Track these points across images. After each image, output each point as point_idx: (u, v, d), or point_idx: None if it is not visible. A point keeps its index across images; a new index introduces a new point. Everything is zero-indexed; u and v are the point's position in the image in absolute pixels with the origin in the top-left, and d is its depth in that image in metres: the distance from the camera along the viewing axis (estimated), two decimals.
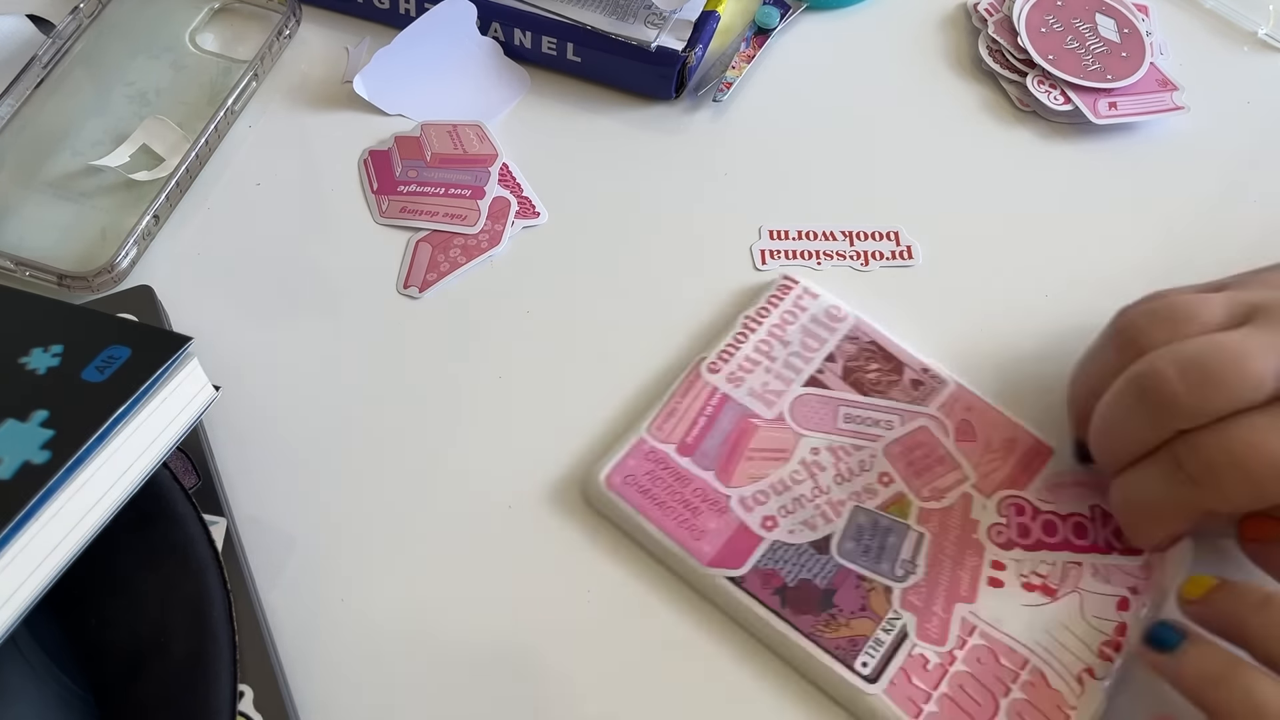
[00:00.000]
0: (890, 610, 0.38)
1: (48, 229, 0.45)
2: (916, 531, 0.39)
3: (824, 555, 0.38)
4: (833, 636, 0.37)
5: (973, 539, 0.39)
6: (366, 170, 0.48)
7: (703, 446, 0.40)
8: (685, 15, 0.49)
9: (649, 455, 0.40)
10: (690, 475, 0.40)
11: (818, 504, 0.39)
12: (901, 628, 0.37)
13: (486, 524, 0.40)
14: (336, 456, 0.41)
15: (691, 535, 0.38)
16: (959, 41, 0.53)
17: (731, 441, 0.41)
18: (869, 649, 0.37)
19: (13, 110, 0.47)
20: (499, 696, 0.37)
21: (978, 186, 0.49)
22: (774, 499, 0.39)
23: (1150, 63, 0.51)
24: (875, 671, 0.36)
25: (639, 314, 0.45)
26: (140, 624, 0.34)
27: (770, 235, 0.47)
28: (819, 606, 0.37)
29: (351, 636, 0.38)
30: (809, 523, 0.39)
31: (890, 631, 0.37)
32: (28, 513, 0.31)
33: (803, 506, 0.39)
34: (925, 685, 0.36)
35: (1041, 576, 0.39)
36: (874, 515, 0.39)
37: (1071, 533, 0.39)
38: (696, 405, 0.41)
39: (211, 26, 0.51)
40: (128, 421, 0.34)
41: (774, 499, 0.39)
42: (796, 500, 0.39)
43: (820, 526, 0.39)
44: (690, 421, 0.41)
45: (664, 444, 0.40)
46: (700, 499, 0.39)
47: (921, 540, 0.39)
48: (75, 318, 0.38)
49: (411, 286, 0.45)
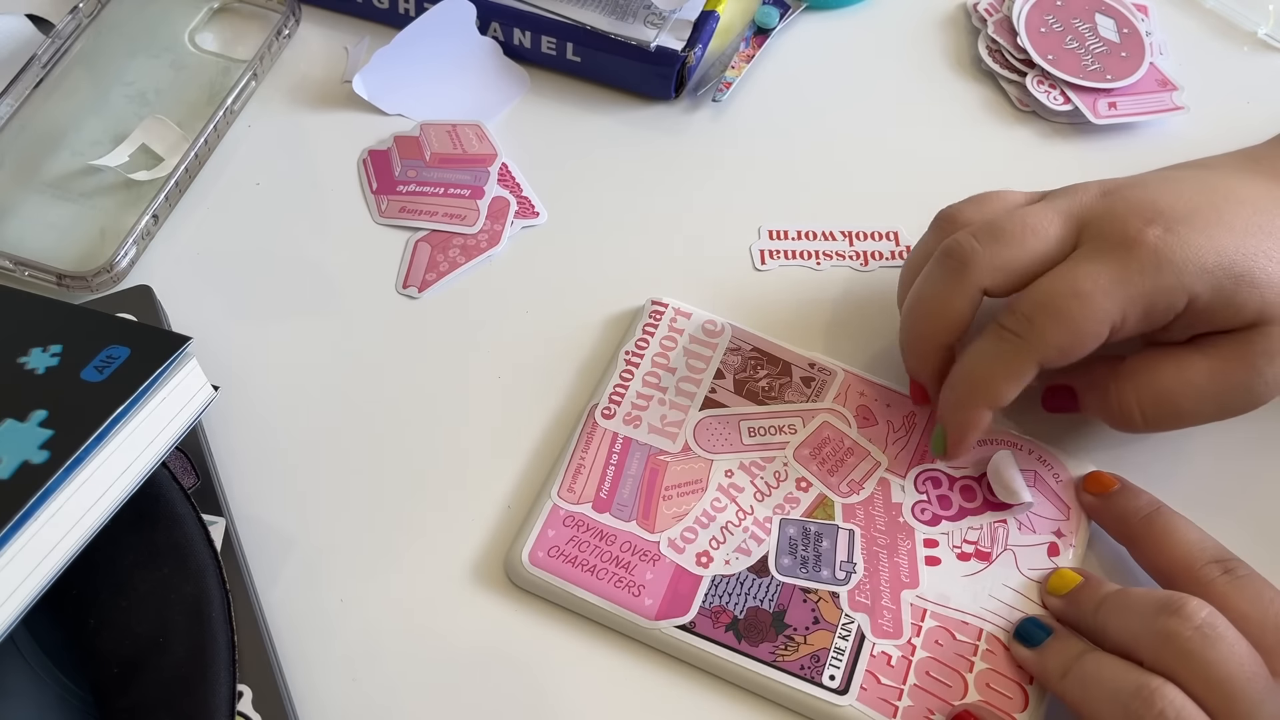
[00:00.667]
0: (842, 615, 0.38)
1: (47, 229, 0.45)
2: (846, 530, 0.39)
3: (765, 577, 0.38)
4: (794, 658, 0.37)
5: (900, 523, 0.39)
6: (366, 170, 0.48)
7: (618, 498, 0.39)
8: (685, 15, 0.49)
9: (566, 521, 0.39)
10: (613, 531, 0.39)
11: (745, 526, 0.39)
12: (857, 630, 0.37)
13: (485, 521, 0.40)
14: (336, 456, 0.41)
15: (631, 593, 0.37)
16: (959, 41, 0.53)
17: (645, 485, 0.40)
18: (832, 661, 0.37)
19: (12, 110, 0.47)
20: (498, 696, 0.37)
21: (978, 186, 0.49)
22: (702, 533, 0.39)
23: (1150, 63, 0.51)
24: (843, 682, 0.36)
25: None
26: (139, 624, 0.34)
27: (770, 235, 0.47)
28: (773, 631, 0.37)
29: (351, 636, 0.38)
30: (742, 548, 0.39)
31: (847, 638, 0.37)
32: (27, 513, 0.31)
33: (731, 533, 0.39)
34: (894, 681, 0.37)
35: (972, 543, 0.39)
36: (802, 524, 0.39)
37: (988, 492, 0.40)
38: (601, 456, 0.40)
39: (211, 26, 0.51)
40: (127, 421, 0.34)
41: (702, 533, 0.39)
42: (724, 529, 0.39)
43: (754, 550, 0.39)
44: (599, 475, 0.40)
45: (578, 505, 0.39)
46: (629, 553, 0.38)
47: (853, 537, 0.39)
48: (74, 318, 0.38)
49: (411, 286, 0.45)
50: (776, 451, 0.41)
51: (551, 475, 0.40)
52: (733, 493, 0.40)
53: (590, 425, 0.41)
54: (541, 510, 0.39)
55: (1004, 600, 0.38)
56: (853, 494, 0.40)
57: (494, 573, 0.39)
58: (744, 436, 0.41)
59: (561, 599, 0.38)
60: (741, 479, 0.40)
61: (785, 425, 0.41)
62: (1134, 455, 0.42)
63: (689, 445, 0.41)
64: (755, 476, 0.40)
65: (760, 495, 0.40)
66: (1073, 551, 0.39)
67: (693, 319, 0.43)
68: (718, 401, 0.41)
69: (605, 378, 0.42)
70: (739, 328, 0.43)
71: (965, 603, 0.38)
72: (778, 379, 0.42)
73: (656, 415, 0.41)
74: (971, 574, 0.39)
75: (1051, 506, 0.40)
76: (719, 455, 0.40)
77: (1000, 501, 0.40)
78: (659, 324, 0.43)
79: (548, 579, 0.38)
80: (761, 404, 0.42)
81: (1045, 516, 0.40)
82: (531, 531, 0.39)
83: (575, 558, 0.38)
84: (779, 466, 0.40)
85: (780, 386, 0.42)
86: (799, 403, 0.42)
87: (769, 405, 0.41)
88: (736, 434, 0.41)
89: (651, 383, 0.42)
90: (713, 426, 0.41)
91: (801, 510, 0.40)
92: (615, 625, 0.38)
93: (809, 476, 0.40)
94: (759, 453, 0.41)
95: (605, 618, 0.38)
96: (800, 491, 0.40)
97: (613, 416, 0.41)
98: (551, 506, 0.39)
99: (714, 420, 0.41)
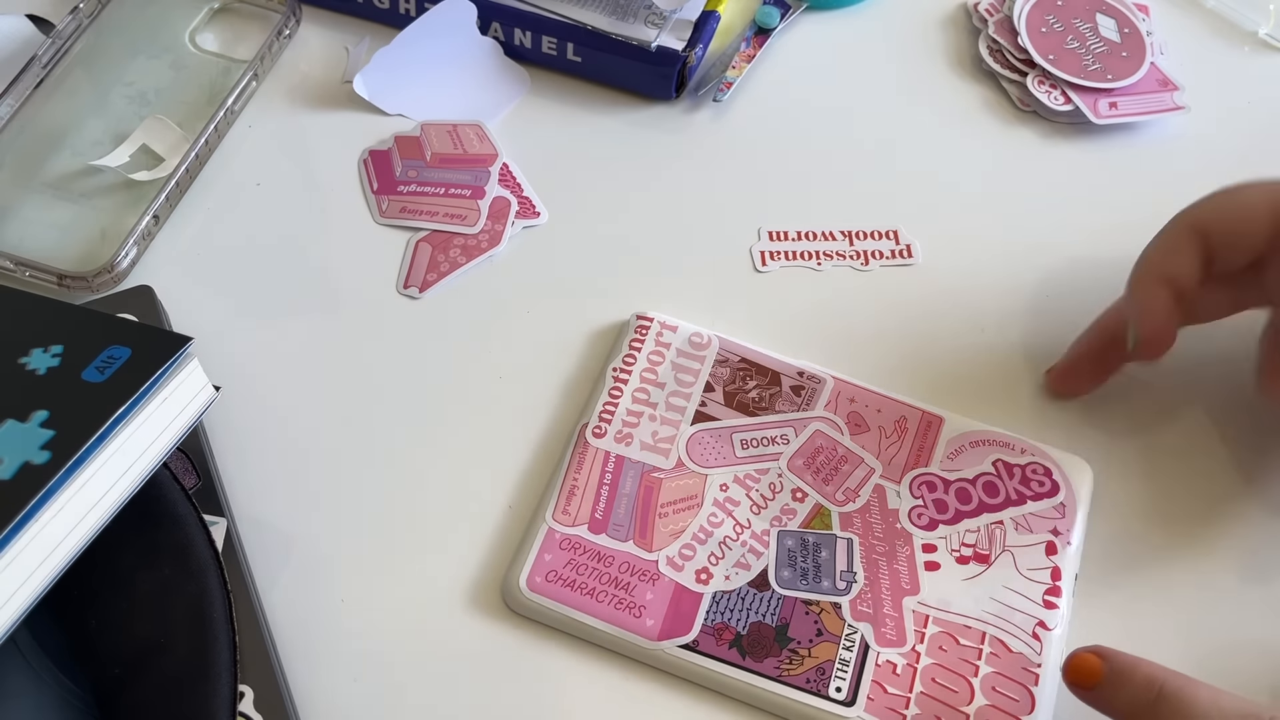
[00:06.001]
0: (845, 626, 0.37)
1: (48, 229, 0.45)
2: (844, 539, 0.39)
3: (765, 591, 0.38)
4: (799, 671, 0.37)
5: (898, 529, 0.39)
6: (366, 170, 0.48)
7: (614, 518, 0.39)
8: (685, 15, 0.49)
9: (563, 544, 0.38)
10: (610, 552, 0.38)
11: (743, 541, 0.39)
12: (861, 640, 0.37)
13: (485, 521, 0.40)
14: (337, 457, 0.41)
15: (632, 615, 0.37)
16: (959, 41, 0.53)
17: (640, 504, 0.39)
18: (838, 673, 0.37)
19: (12, 110, 0.47)
20: (498, 696, 0.37)
21: (978, 186, 0.49)
22: (700, 550, 0.39)
23: (1151, 63, 0.51)
24: (850, 694, 0.36)
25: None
26: (140, 624, 0.34)
27: (770, 236, 0.47)
28: (777, 645, 0.37)
29: (351, 636, 0.38)
30: (741, 563, 0.38)
31: (852, 648, 0.37)
32: (28, 513, 0.31)
33: (730, 549, 0.39)
34: (901, 690, 0.36)
35: (970, 546, 0.39)
36: (800, 535, 0.39)
37: (984, 493, 0.40)
38: (594, 477, 0.40)
39: (211, 26, 0.51)
40: (128, 422, 0.34)
41: (700, 550, 0.39)
42: (722, 544, 0.39)
43: (753, 564, 0.38)
44: (593, 496, 0.39)
45: (574, 528, 0.38)
46: (628, 573, 0.38)
47: (852, 546, 0.39)
48: (75, 318, 0.38)
49: (411, 286, 0.45)
50: (770, 463, 0.40)
51: (545, 498, 0.39)
52: (729, 507, 0.39)
53: (582, 445, 0.40)
54: (537, 534, 0.38)
55: (1005, 602, 0.38)
56: (849, 502, 0.40)
57: (495, 574, 0.39)
58: (737, 449, 0.41)
59: (561, 624, 0.37)
60: (737, 492, 0.40)
61: (777, 436, 0.41)
62: (1134, 462, 0.42)
63: (682, 461, 0.40)
64: (750, 489, 0.40)
65: (757, 508, 0.40)
66: (1070, 550, 0.39)
67: (679, 332, 0.43)
68: (709, 415, 0.41)
69: (594, 396, 0.41)
70: (726, 339, 0.43)
71: (967, 607, 0.38)
72: (767, 389, 0.42)
73: (648, 432, 0.41)
74: (971, 577, 0.38)
75: (1047, 505, 0.40)
76: (713, 469, 0.40)
77: (994, 503, 0.40)
78: (645, 338, 0.43)
79: (546, 604, 0.37)
80: (752, 415, 0.41)
81: (1041, 516, 0.40)
82: (528, 556, 0.38)
83: (574, 581, 0.38)
84: (774, 478, 0.40)
85: (770, 397, 0.42)
86: (790, 412, 0.41)
87: (760, 416, 0.41)
88: (729, 447, 0.41)
89: (641, 399, 0.41)
90: (705, 441, 0.41)
91: (799, 521, 0.39)
92: (617, 648, 0.37)
93: (804, 486, 0.40)
94: (753, 465, 0.40)
95: (606, 640, 0.37)
96: (796, 502, 0.40)
97: (604, 435, 0.40)
98: (547, 530, 0.39)
99: (706, 434, 0.41)
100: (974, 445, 0.41)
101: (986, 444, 0.41)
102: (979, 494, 0.40)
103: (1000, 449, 0.41)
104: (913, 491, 0.40)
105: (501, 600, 0.38)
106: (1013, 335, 0.45)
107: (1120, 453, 0.42)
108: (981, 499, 0.40)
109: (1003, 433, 0.41)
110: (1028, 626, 0.37)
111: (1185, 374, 0.43)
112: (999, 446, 0.41)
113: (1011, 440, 0.41)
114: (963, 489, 0.40)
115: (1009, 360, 0.44)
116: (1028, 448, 0.41)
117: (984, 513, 0.40)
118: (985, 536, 0.39)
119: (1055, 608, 0.38)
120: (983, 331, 0.45)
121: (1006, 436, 0.41)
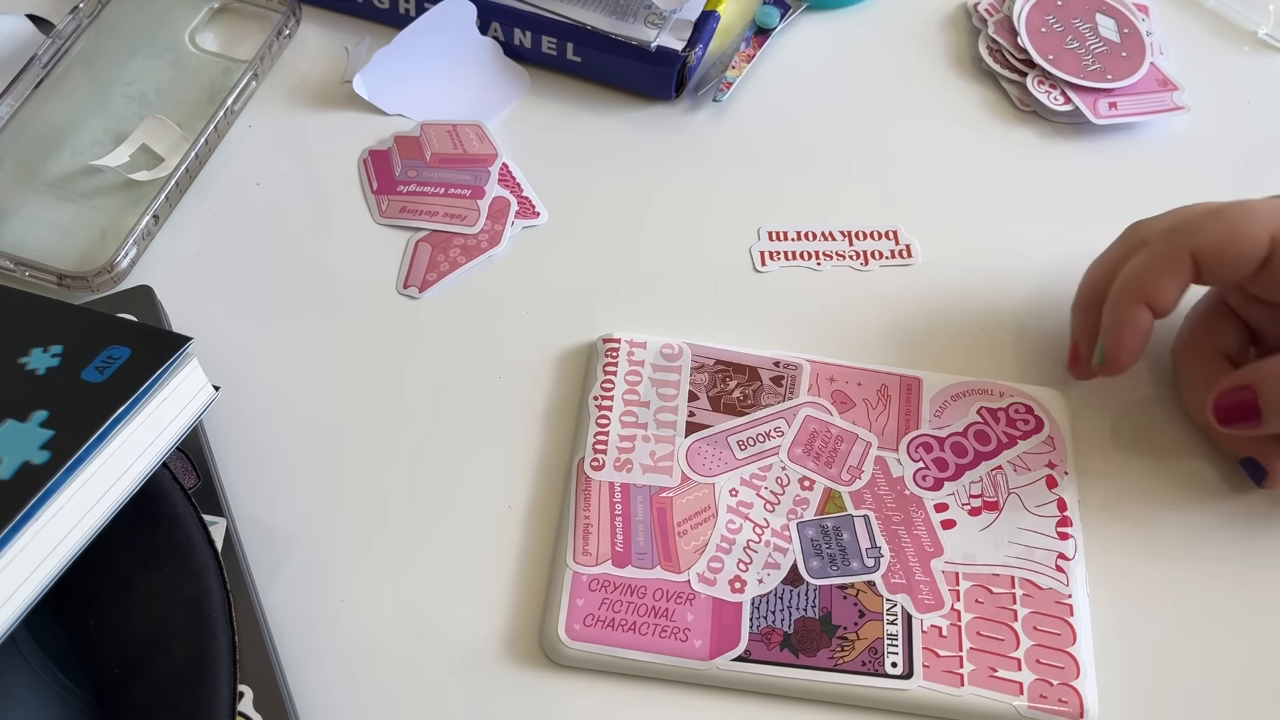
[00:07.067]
0: (884, 601, 0.38)
1: (48, 229, 0.45)
2: (860, 516, 0.39)
3: (800, 585, 0.38)
4: (853, 656, 0.37)
5: (907, 495, 0.40)
6: (366, 170, 0.48)
7: (635, 547, 0.38)
8: (685, 15, 0.49)
9: (591, 585, 0.38)
10: (641, 582, 0.38)
11: (766, 540, 0.39)
12: (902, 612, 0.38)
13: (485, 522, 0.40)
14: (336, 457, 0.41)
15: (679, 640, 0.37)
16: (959, 41, 0.53)
17: (657, 527, 0.39)
18: (889, 649, 0.37)
19: (12, 110, 0.47)
20: (498, 696, 0.37)
21: (978, 186, 0.49)
22: (727, 560, 0.38)
23: (1150, 63, 0.51)
24: (906, 667, 0.37)
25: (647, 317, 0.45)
26: (140, 624, 0.34)
27: (770, 237, 0.47)
28: (825, 636, 0.37)
29: (351, 636, 0.38)
30: (770, 563, 0.38)
31: (896, 622, 0.37)
32: (27, 513, 0.31)
33: (755, 551, 0.39)
34: (951, 651, 0.37)
35: (978, 496, 0.40)
36: (818, 523, 0.39)
37: (976, 443, 0.41)
38: (604, 510, 0.39)
39: (211, 26, 0.51)
40: (127, 422, 0.34)
41: (727, 560, 0.38)
42: (746, 549, 0.39)
43: (781, 561, 0.39)
44: (609, 530, 0.39)
45: (598, 566, 0.38)
46: (664, 599, 0.38)
47: (869, 522, 0.39)
48: (75, 318, 0.38)
49: (411, 286, 0.45)
50: (771, 457, 0.41)
51: (560, 542, 0.39)
52: (743, 510, 0.39)
53: (583, 481, 0.40)
54: (563, 581, 0.38)
55: (1024, 543, 0.39)
56: (855, 480, 0.40)
57: (495, 574, 0.39)
58: (736, 451, 0.41)
59: (610, 665, 0.37)
60: (747, 494, 0.40)
61: (771, 430, 0.41)
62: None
63: (686, 475, 0.40)
64: (759, 488, 0.40)
65: (770, 505, 0.40)
66: (1069, 479, 0.40)
67: (649, 347, 0.43)
68: (700, 424, 0.41)
69: (582, 428, 0.41)
70: (696, 344, 0.43)
71: (990, 555, 0.39)
72: (749, 385, 0.42)
73: (645, 453, 0.40)
74: (986, 526, 0.39)
75: (1036, 440, 0.41)
76: (718, 476, 0.40)
77: (988, 450, 0.41)
78: (617, 360, 0.42)
79: (592, 650, 0.37)
80: (742, 414, 0.41)
81: (1034, 453, 0.41)
82: (560, 605, 0.37)
83: (612, 620, 0.37)
84: (779, 472, 0.40)
85: (754, 392, 0.42)
86: (777, 404, 0.42)
87: (749, 414, 0.41)
88: (728, 451, 0.41)
89: (629, 422, 0.41)
90: (703, 449, 0.41)
91: (813, 509, 0.40)
92: (671, 676, 0.37)
93: (809, 474, 0.40)
94: (755, 463, 0.40)
95: (660, 671, 0.37)
96: (806, 491, 0.40)
97: (602, 467, 0.40)
98: (572, 575, 0.38)
99: (702, 443, 0.41)
100: (956, 398, 0.42)
101: (967, 394, 0.42)
102: (973, 444, 0.41)
103: (981, 396, 0.42)
104: (911, 455, 0.41)
105: (505, 579, 0.39)
106: (1012, 335, 0.45)
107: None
108: (976, 449, 0.41)
109: (978, 380, 0.42)
110: (1050, 561, 0.39)
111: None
112: (979, 394, 0.42)
113: (988, 385, 0.42)
114: (957, 443, 0.41)
115: (1008, 359, 0.44)
116: (1005, 389, 0.42)
117: (981, 461, 0.41)
118: (989, 484, 0.40)
119: (1069, 538, 0.39)
120: (982, 331, 0.45)
121: (983, 383, 0.42)
